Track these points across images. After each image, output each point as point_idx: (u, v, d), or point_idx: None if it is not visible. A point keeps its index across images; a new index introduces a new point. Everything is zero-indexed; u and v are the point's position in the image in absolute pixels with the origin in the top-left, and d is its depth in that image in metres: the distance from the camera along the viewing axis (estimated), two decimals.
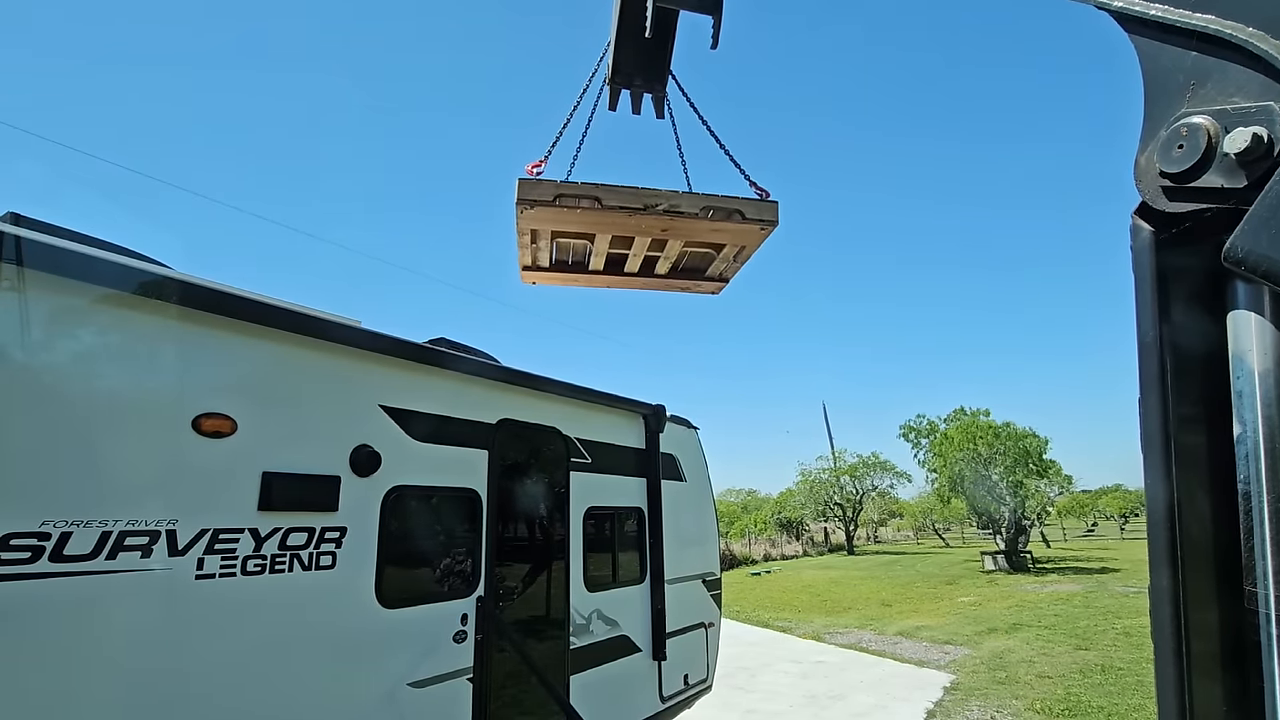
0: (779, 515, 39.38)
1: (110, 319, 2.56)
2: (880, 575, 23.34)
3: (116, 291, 2.55)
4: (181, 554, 2.63)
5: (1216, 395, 0.88)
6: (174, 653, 2.61)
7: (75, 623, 2.35)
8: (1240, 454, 0.86)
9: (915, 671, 9.70)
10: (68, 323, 2.46)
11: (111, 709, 2.44)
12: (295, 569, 3.02)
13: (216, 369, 2.88)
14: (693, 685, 5.94)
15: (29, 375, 2.33)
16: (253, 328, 2.99)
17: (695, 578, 6.27)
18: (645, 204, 3.61)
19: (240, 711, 2.79)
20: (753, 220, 3.81)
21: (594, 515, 5.03)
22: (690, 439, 6.54)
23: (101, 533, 2.41)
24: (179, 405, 2.71)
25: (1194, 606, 0.88)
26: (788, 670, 10.02)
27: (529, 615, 4.51)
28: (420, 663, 3.55)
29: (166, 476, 2.65)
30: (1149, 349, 0.92)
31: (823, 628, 13.51)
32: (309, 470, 3.14)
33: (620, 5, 3.76)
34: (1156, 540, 0.91)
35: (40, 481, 2.30)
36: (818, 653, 11.28)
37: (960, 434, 25.26)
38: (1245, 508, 0.84)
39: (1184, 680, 0.87)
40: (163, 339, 2.71)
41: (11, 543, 2.20)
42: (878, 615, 14.85)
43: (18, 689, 2.22)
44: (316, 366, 3.29)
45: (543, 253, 4.09)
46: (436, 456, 3.83)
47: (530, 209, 3.51)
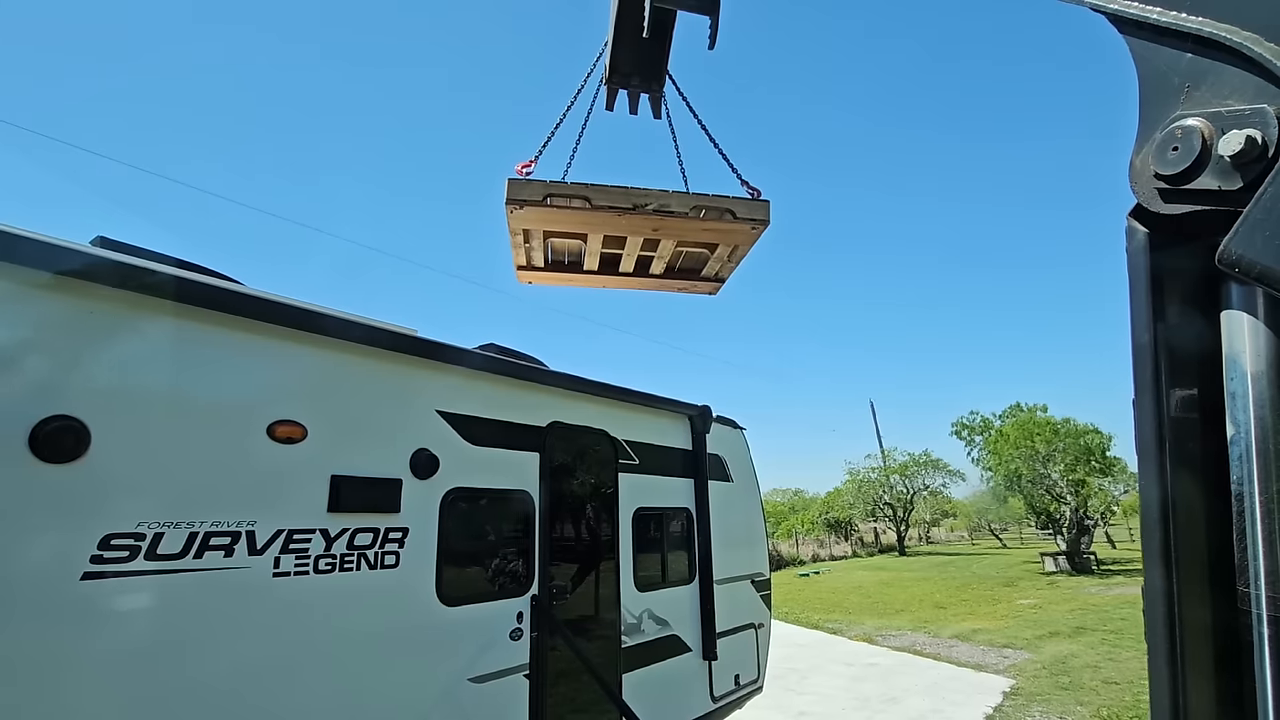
0: (827, 515, 38.77)
1: (193, 333, 2.74)
2: (933, 576, 22.75)
3: (198, 308, 2.73)
4: (260, 553, 2.80)
5: (1211, 396, 0.88)
6: (254, 645, 2.78)
7: (168, 617, 2.53)
8: (1234, 455, 0.86)
9: (973, 675, 9.45)
10: (158, 338, 2.65)
11: (198, 697, 2.61)
12: (363, 567, 3.17)
13: (288, 378, 3.05)
14: (744, 686, 5.95)
15: (127, 390, 2.52)
16: (319, 338, 3.15)
17: (744, 578, 6.27)
18: (635, 204, 3.61)
19: (314, 702, 2.95)
20: (744, 219, 3.79)
21: (642, 516, 5.09)
22: (737, 439, 6.54)
23: (189, 533, 2.59)
24: (255, 413, 2.88)
25: (1188, 606, 0.88)
26: (839, 672, 9.89)
27: (581, 614, 4.60)
28: (479, 659, 3.68)
29: (245, 480, 2.82)
30: (1144, 350, 0.93)
31: (874, 630, 13.27)
32: (373, 473, 3.29)
33: (618, 5, 3.76)
34: (1150, 540, 0.91)
35: (136, 486, 2.49)
36: (870, 655, 11.09)
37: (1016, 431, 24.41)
38: (1238, 508, 0.84)
39: (1177, 680, 0.87)
40: (240, 351, 2.89)
41: (112, 543, 2.39)
42: (931, 618, 14.50)
43: (119, 678, 2.41)
44: (377, 374, 3.44)
45: (536, 252, 4.11)
46: (491, 459, 3.95)
47: (520, 209, 3.53)
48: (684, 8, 3.56)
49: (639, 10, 3.51)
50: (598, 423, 4.84)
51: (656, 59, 4.02)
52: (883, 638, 12.46)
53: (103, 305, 2.49)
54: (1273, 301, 0.83)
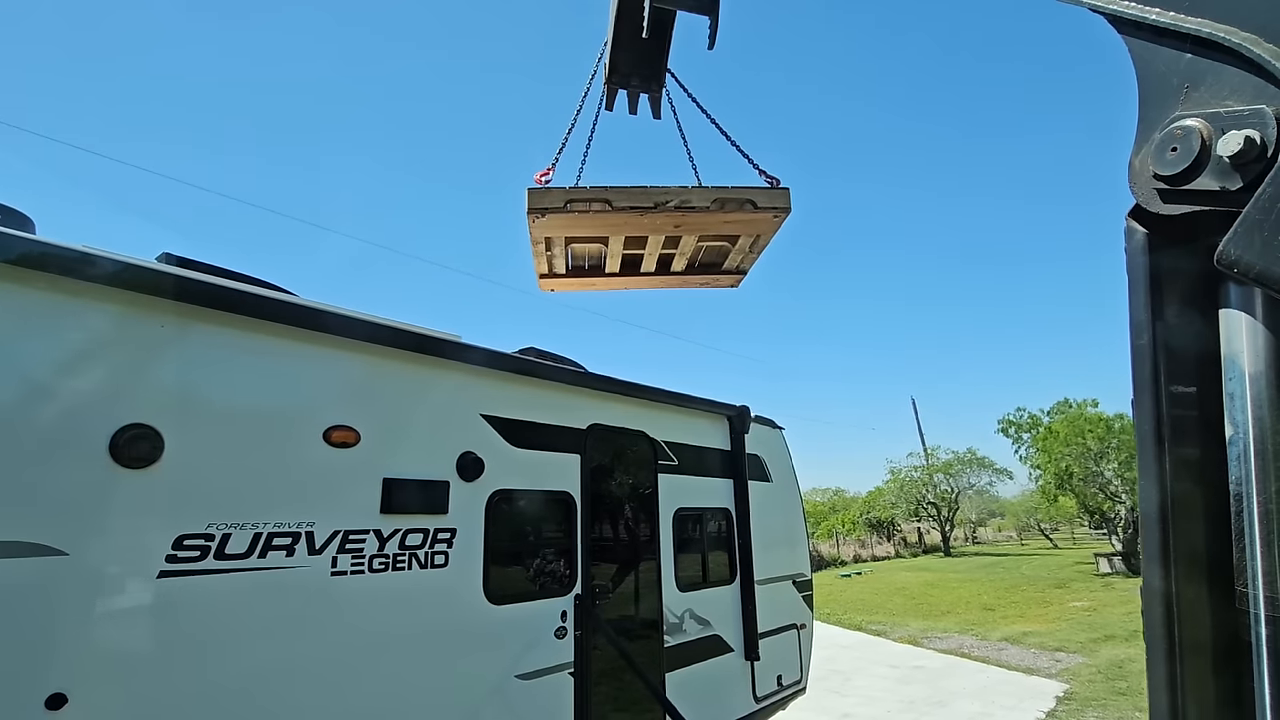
0: (868, 515, 38.12)
1: (254, 344, 2.89)
2: (980, 578, 22.18)
3: (258, 319, 2.88)
4: (319, 553, 2.93)
5: (1209, 396, 0.88)
6: (314, 641, 2.91)
7: (236, 613, 2.67)
8: (1232, 455, 0.85)
9: (1023, 679, 9.21)
10: (221, 349, 2.80)
11: (263, 689, 2.75)
12: (414, 567, 3.28)
13: (341, 384, 3.18)
14: (786, 686, 5.92)
15: (195, 398, 2.67)
16: (369, 345, 3.28)
17: (785, 578, 6.24)
18: (656, 202, 3.60)
19: (371, 696, 3.07)
20: (765, 208, 3.76)
21: (682, 516, 5.12)
22: (775, 439, 6.52)
23: (254, 534, 2.73)
24: (312, 419, 3.02)
25: (1186, 607, 0.88)
26: (884, 675, 9.75)
27: (624, 614, 4.66)
28: (526, 656, 3.76)
29: (304, 483, 2.95)
30: (1142, 350, 0.93)
31: (919, 632, 13.03)
32: (422, 476, 3.40)
33: (617, 6, 3.75)
34: (1149, 540, 0.91)
35: (204, 489, 2.64)
36: (915, 657, 10.90)
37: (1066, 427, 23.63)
38: (1237, 509, 0.84)
39: (1175, 680, 0.87)
40: (296, 359, 3.03)
41: (185, 542, 2.54)
42: (979, 620, 14.16)
43: (191, 669, 2.55)
44: (424, 380, 3.55)
45: (558, 259, 4.13)
46: (533, 461, 4.04)
47: (541, 217, 3.54)
48: (683, 8, 3.55)
49: (638, 10, 3.51)
50: (637, 424, 4.89)
51: (656, 59, 4.02)
52: (928, 640, 12.22)
53: (172, 319, 2.65)
54: (1271, 302, 0.83)
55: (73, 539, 2.29)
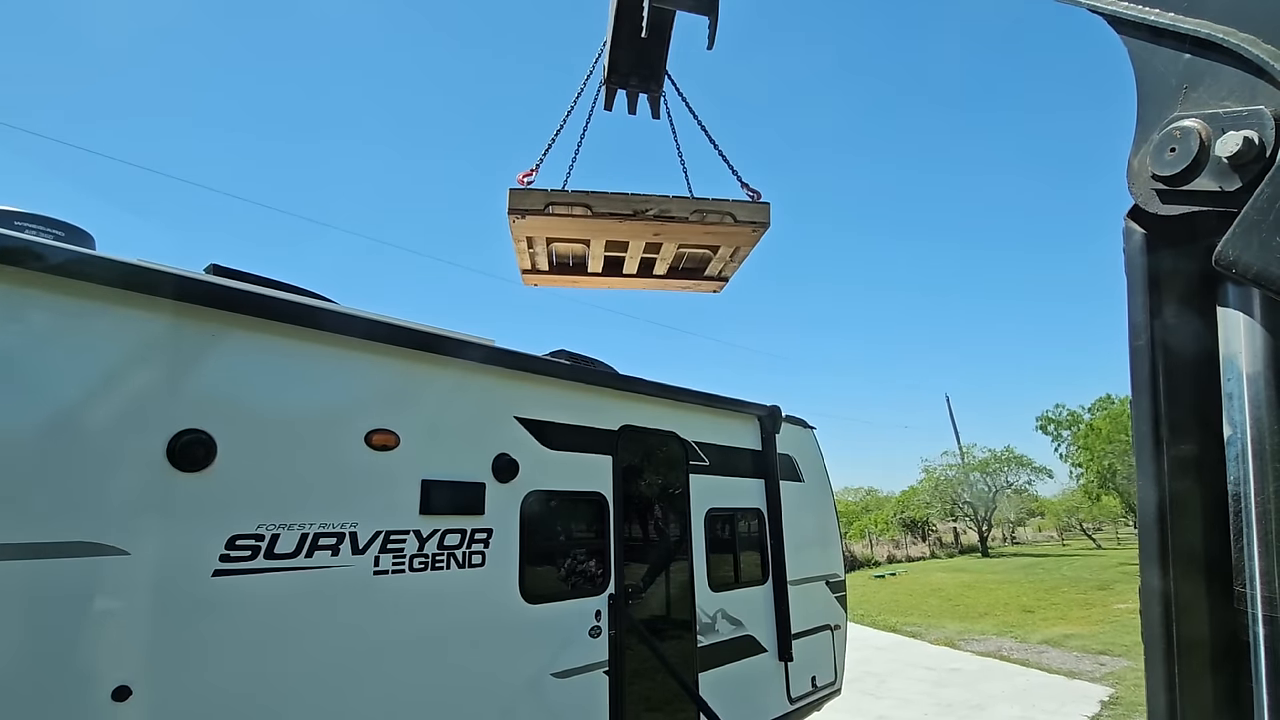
0: (902, 515, 37.50)
1: (299, 350, 2.99)
2: (1019, 579, 21.68)
3: (301, 327, 2.98)
4: (362, 553, 3.02)
5: (1208, 397, 0.88)
6: (358, 638, 3.00)
7: (285, 610, 2.78)
8: (1230, 455, 0.85)
9: (1065, 683, 9.00)
10: (269, 356, 2.91)
11: (310, 684, 2.85)
12: (452, 566, 3.36)
13: (381, 389, 3.27)
14: (821, 688, 5.89)
15: (244, 404, 2.78)
16: (407, 351, 3.37)
17: (818, 579, 6.21)
18: (635, 210, 3.61)
19: (412, 692, 3.16)
20: (744, 222, 3.76)
21: (714, 516, 5.14)
22: (807, 439, 6.48)
23: (301, 534, 2.83)
24: (354, 423, 3.11)
25: (1184, 607, 0.88)
26: (920, 677, 9.61)
27: (657, 614, 4.69)
28: (561, 655, 3.82)
29: (347, 485, 3.05)
30: (1141, 351, 0.93)
31: (956, 634, 12.80)
32: (459, 478, 3.48)
33: (616, 5, 3.75)
34: (1147, 541, 0.91)
35: (255, 491, 2.74)
36: (952, 660, 10.72)
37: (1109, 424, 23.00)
38: (1235, 509, 0.84)
39: (1174, 680, 0.87)
40: (339, 365, 3.13)
41: (237, 542, 2.65)
42: (1019, 622, 13.85)
43: (243, 664, 2.66)
44: (460, 383, 3.63)
45: (540, 257, 4.15)
46: (566, 463, 4.10)
47: (522, 219, 3.56)
48: (683, 8, 3.55)
49: (637, 10, 3.51)
50: (667, 425, 4.92)
51: (655, 59, 4.02)
52: (965, 642, 12.00)
53: (221, 328, 2.76)
54: (1269, 302, 0.83)
55: (134, 539, 2.41)
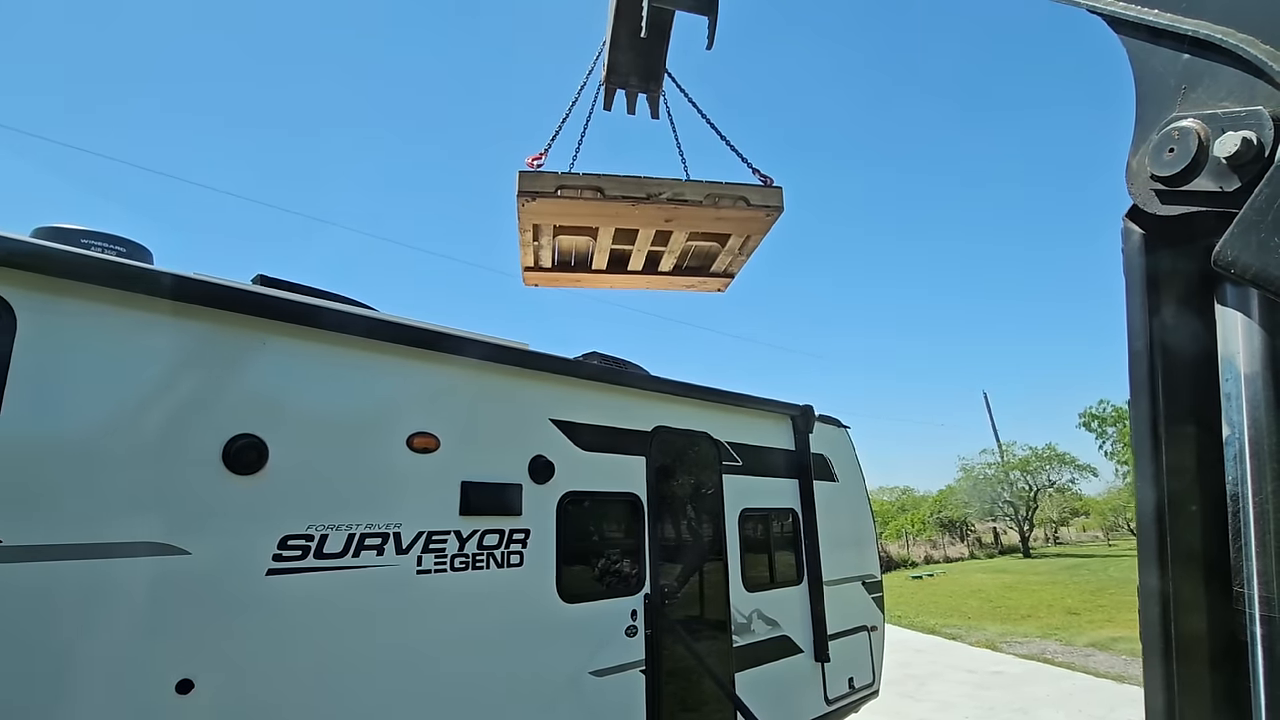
0: (939, 514, 36.77)
1: (343, 357, 3.10)
2: (1064, 580, 21.09)
3: (346, 335, 3.08)
4: (405, 552, 3.12)
5: (1206, 397, 0.88)
6: (402, 635, 3.09)
7: (333, 608, 2.88)
8: (1229, 455, 0.85)
9: (1114, 687, 8.74)
10: (315, 363, 3.02)
11: (355, 678, 2.94)
12: (491, 566, 3.44)
13: (422, 394, 3.36)
14: (858, 689, 5.84)
15: (293, 409, 2.89)
16: (445, 356, 3.45)
17: (854, 579, 6.16)
18: (648, 193, 3.55)
19: (455, 687, 3.24)
20: (758, 206, 3.71)
21: (748, 516, 5.14)
22: (841, 438, 6.43)
23: (348, 534, 2.93)
24: (396, 426, 3.21)
25: (1183, 607, 0.88)
26: (961, 680, 9.43)
27: (692, 614, 4.71)
28: (599, 653, 3.87)
29: (390, 487, 3.14)
30: (1139, 351, 0.93)
31: (998, 636, 12.52)
32: (497, 479, 3.56)
33: (616, 5, 3.73)
34: (1146, 541, 0.91)
35: (304, 493, 2.85)
36: (994, 662, 10.49)
37: None
38: (1234, 509, 0.84)
39: (1172, 680, 0.87)
40: (381, 371, 3.23)
41: (289, 543, 2.76)
42: (1063, 624, 13.48)
43: (295, 659, 2.77)
44: (496, 387, 3.71)
45: (545, 250, 4.10)
46: (601, 464, 4.15)
47: (531, 201, 3.49)
48: (682, 8, 3.54)
49: (637, 10, 3.51)
50: (700, 425, 4.94)
51: (654, 59, 4.00)
52: (1008, 644, 11.74)
53: (271, 336, 2.87)
54: (1267, 303, 0.82)
55: (194, 540, 2.53)
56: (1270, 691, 0.80)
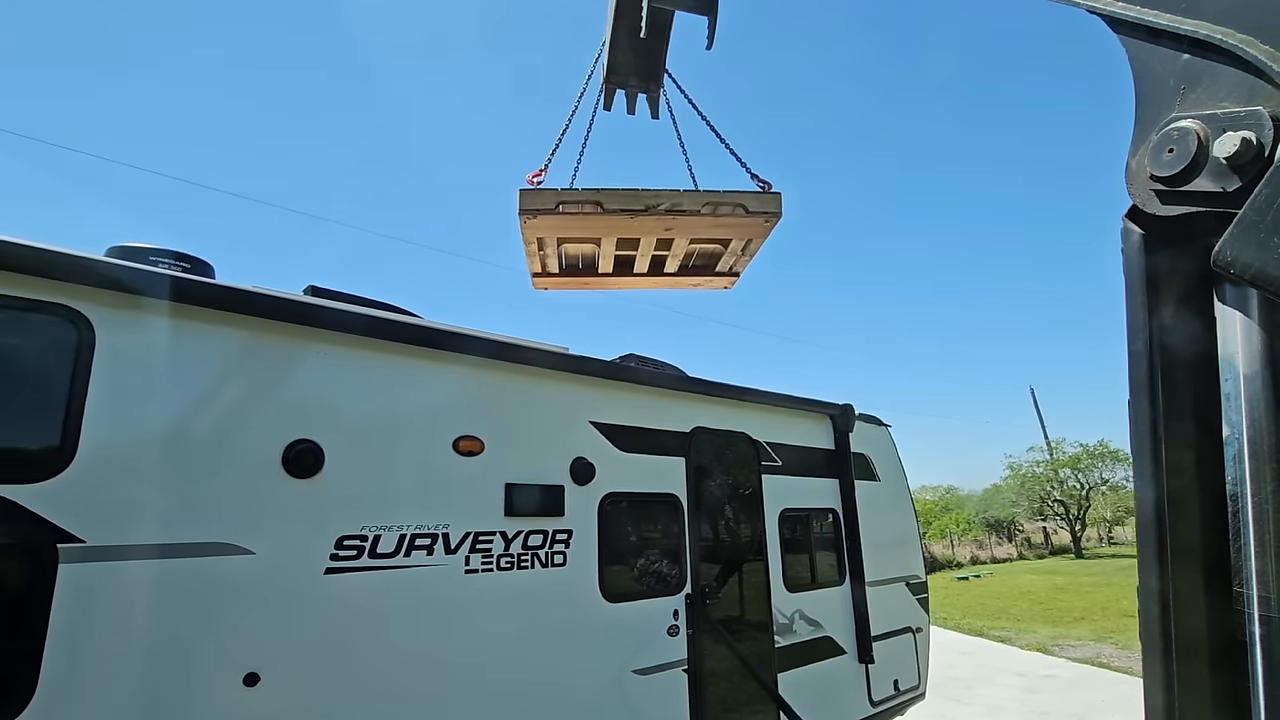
0: (985, 514, 35.81)
1: (391, 364, 3.21)
2: (1119, 581, 20.32)
3: (394, 342, 3.19)
4: (454, 552, 3.21)
5: (1206, 397, 0.87)
6: (451, 633, 3.19)
7: (386, 605, 2.98)
8: (1228, 455, 0.85)
9: None
10: (366, 370, 3.13)
11: (408, 674, 3.04)
12: (536, 566, 3.52)
13: (466, 398, 3.46)
14: (903, 691, 5.76)
15: (346, 415, 3.01)
16: (488, 361, 3.54)
17: (897, 580, 6.07)
18: (646, 205, 3.58)
19: (502, 683, 3.32)
20: (756, 213, 3.72)
21: (788, 516, 5.12)
22: (882, 437, 6.35)
23: (400, 535, 3.04)
24: (443, 430, 3.31)
25: (1182, 607, 0.88)
26: (1010, 683, 9.20)
27: (734, 614, 4.72)
28: (641, 652, 3.92)
29: (438, 489, 3.24)
30: (1139, 351, 0.92)
31: (1049, 639, 12.16)
32: (540, 481, 3.63)
33: (615, 6, 3.73)
34: (1146, 540, 0.91)
35: (357, 495, 2.97)
36: (1045, 666, 10.20)
37: None
38: (1234, 509, 0.83)
39: (1171, 680, 0.87)
40: (428, 376, 3.33)
41: (345, 543, 2.88)
42: (1119, 627, 13.01)
43: (352, 655, 2.88)
44: (537, 391, 3.79)
45: (551, 259, 4.14)
46: (640, 465, 4.19)
47: (533, 218, 3.55)
48: (682, 8, 3.53)
49: (636, 10, 3.51)
50: (739, 426, 4.95)
51: (654, 59, 3.99)
52: (1060, 648, 11.39)
53: (324, 345, 3.00)
54: (1267, 303, 0.82)
55: (257, 540, 2.66)
56: (1269, 691, 0.80)
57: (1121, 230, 0.97)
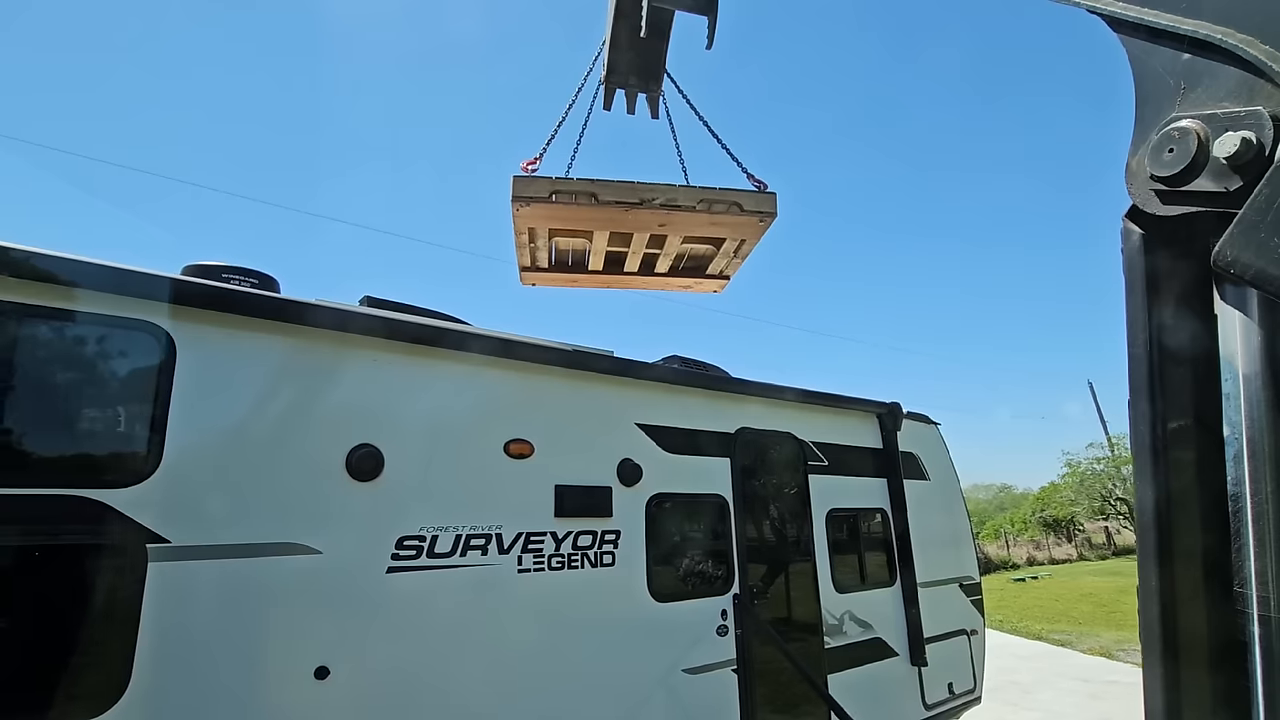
0: (1042, 513, 34.54)
1: (445, 370, 3.33)
2: None
3: (446, 349, 3.31)
4: (507, 552, 3.31)
5: (1206, 397, 0.87)
6: (505, 631, 3.28)
7: (444, 603, 3.10)
8: (1229, 455, 0.84)
9: None
10: (420, 376, 3.26)
11: (465, 670, 3.15)
12: (585, 566, 3.59)
13: (516, 402, 3.56)
14: (958, 695, 5.64)
15: (403, 420, 3.14)
16: (536, 366, 3.64)
17: (950, 581, 5.95)
18: (641, 198, 3.55)
19: (555, 680, 3.40)
20: (751, 212, 3.67)
21: (836, 517, 5.08)
22: (931, 435, 6.23)
23: (456, 535, 3.15)
24: (494, 434, 3.41)
25: (1183, 607, 0.88)
26: (1072, 689, 8.89)
27: (782, 614, 4.71)
28: (691, 652, 3.95)
29: (491, 491, 3.35)
30: (1139, 351, 0.92)
31: (1113, 643, 11.68)
32: (588, 482, 3.71)
33: (615, 5, 3.71)
34: (1146, 541, 0.91)
35: (415, 497, 3.09)
36: (1109, 671, 9.82)
37: None
38: (1234, 509, 0.83)
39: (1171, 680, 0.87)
40: (478, 381, 3.44)
41: (405, 543, 3.00)
42: None
43: (412, 650, 3.00)
44: (584, 394, 3.87)
45: (541, 252, 4.10)
46: (686, 466, 4.23)
47: (526, 206, 3.50)
48: (681, 8, 3.51)
49: (636, 10, 3.50)
50: (784, 426, 4.93)
51: (654, 59, 3.97)
52: (1125, 652, 10.93)
53: (380, 353, 3.13)
54: (1267, 303, 0.81)
55: (324, 540, 2.80)
56: (1269, 691, 0.80)
57: (1121, 230, 0.98)
